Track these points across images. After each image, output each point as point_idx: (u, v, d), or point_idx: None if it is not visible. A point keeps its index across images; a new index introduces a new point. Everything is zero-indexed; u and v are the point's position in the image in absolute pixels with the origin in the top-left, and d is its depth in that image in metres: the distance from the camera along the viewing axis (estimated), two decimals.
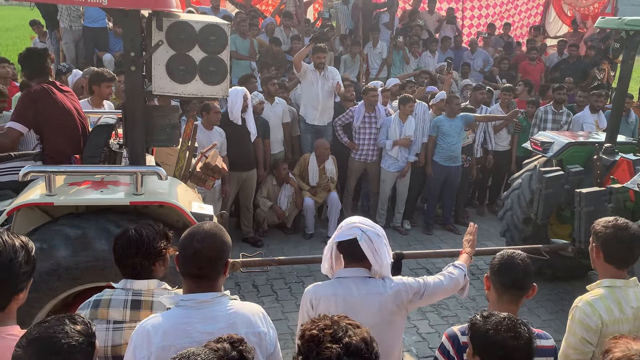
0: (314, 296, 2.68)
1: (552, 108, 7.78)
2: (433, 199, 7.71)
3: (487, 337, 2.06)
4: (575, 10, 12.76)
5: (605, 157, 5.68)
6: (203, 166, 4.49)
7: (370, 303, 2.63)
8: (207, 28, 3.60)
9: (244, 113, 6.54)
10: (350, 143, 7.44)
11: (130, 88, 3.70)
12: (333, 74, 7.40)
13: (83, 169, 3.81)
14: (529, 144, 6.36)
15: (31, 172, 3.44)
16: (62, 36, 9.17)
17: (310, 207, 7.15)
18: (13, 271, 2.03)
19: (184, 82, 3.66)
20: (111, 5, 3.30)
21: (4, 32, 25.81)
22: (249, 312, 2.24)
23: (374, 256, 2.62)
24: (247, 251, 5.02)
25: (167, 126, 3.90)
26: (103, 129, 4.21)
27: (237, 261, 4.24)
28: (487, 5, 13.22)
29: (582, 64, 10.65)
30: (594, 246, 2.84)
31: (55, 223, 3.43)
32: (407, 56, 10.14)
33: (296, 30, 10.03)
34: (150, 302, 2.46)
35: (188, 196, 3.89)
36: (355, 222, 2.70)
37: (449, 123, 7.32)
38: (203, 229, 2.26)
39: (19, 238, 2.13)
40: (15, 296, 2.08)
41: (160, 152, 4.65)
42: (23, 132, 4.08)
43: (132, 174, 3.50)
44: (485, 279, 2.65)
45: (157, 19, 3.50)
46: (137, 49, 3.56)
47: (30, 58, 4.26)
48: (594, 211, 4.96)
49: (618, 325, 2.63)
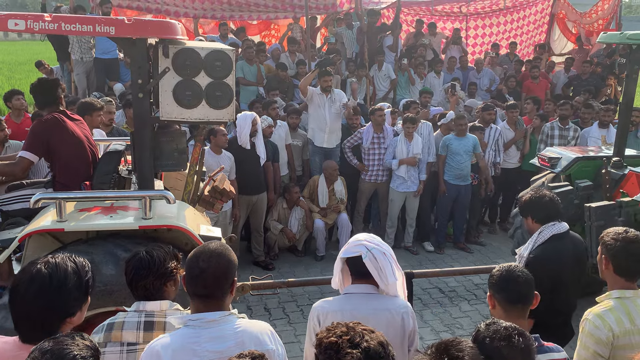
0: (321, 312, 2.68)
1: (559, 124, 7.79)
2: (444, 217, 7.70)
3: (484, 345, 2.08)
4: (580, 27, 12.83)
5: (614, 171, 5.66)
6: (211, 190, 4.52)
7: (378, 319, 2.61)
8: (212, 54, 3.69)
9: (254, 137, 6.62)
10: (359, 165, 7.48)
11: (138, 114, 3.77)
12: (340, 96, 7.50)
13: (93, 194, 3.87)
14: (537, 160, 6.35)
15: (42, 199, 3.49)
16: (73, 68, 9.37)
17: (320, 229, 7.16)
18: (62, 297, 2.06)
19: (191, 107, 3.74)
20: (119, 34, 3.39)
21: (18, 66, 26.43)
22: (257, 330, 2.25)
23: (378, 274, 2.63)
24: (259, 275, 5.02)
25: (174, 151, 3.96)
26: (112, 155, 4.27)
27: (247, 284, 4.26)
28: (490, 24, 13.33)
29: (594, 81, 10.68)
30: (603, 257, 2.82)
31: (63, 250, 3.45)
32: (413, 77, 10.23)
33: (302, 56, 10.18)
34: (163, 322, 2.48)
35: (196, 219, 3.93)
36: (361, 239, 2.71)
37: (458, 142, 7.36)
38: (209, 249, 2.28)
39: (74, 262, 2.15)
40: (68, 319, 2.10)
41: (169, 177, 4.71)
42: (34, 161, 4.14)
43: (141, 198, 3.54)
44: (489, 298, 2.63)
45: (163, 47, 3.60)
46: (145, 77, 3.64)
47: (42, 88, 4.35)
48: (605, 225, 4.92)
49: (629, 337, 2.60)
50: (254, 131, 6.60)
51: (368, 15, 10.73)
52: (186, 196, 4.20)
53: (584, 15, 12.70)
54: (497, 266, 2.71)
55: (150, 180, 3.89)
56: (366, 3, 11.40)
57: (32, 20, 3.29)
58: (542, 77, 10.79)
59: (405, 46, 11.23)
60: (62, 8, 9.97)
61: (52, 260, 2.11)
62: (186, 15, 10.59)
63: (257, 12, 11.05)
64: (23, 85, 17.33)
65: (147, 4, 10.33)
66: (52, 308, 2.04)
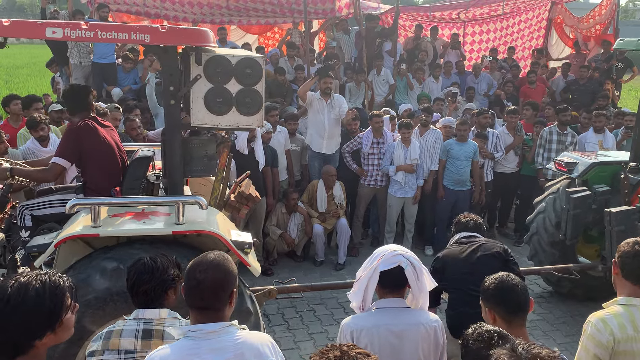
0: (355, 328, 2.63)
1: (557, 129, 7.82)
2: (443, 223, 7.69)
3: (467, 347, 2.16)
4: (577, 32, 12.88)
5: (632, 176, 5.68)
6: (237, 195, 4.57)
7: (413, 334, 2.60)
8: (243, 61, 3.75)
9: (252, 142, 6.61)
10: (359, 169, 7.47)
11: (169, 121, 3.81)
12: (339, 101, 7.49)
13: (127, 200, 3.91)
14: (553, 165, 6.37)
15: (78, 205, 3.53)
16: (72, 72, 9.36)
17: (319, 234, 7.15)
18: (21, 319, 1.89)
19: (221, 113, 3.80)
20: (153, 42, 3.43)
21: (15, 70, 26.40)
22: (257, 342, 2.23)
23: (417, 284, 2.62)
24: (258, 281, 5.01)
25: (204, 157, 4.02)
26: (141, 161, 4.31)
27: (273, 288, 4.33)
28: (487, 30, 13.38)
29: (592, 85, 10.72)
30: (614, 261, 2.85)
31: (90, 257, 3.49)
32: (411, 82, 10.25)
33: (301, 60, 10.19)
34: (162, 331, 2.47)
35: (226, 224, 3.96)
36: (397, 249, 2.70)
37: (459, 147, 7.36)
38: (207, 260, 2.26)
39: (41, 283, 1.94)
40: (37, 342, 1.92)
41: (194, 183, 4.76)
42: (66, 166, 4.17)
43: (174, 204, 3.57)
44: (488, 313, 2.62)
45: (196, 54, 3.64)
46: (176, 84, 3.69)
47: (74, 94, 4.37)
48: (625, 230, 4.96)
49: (631, 344, 2.60)
50: (252, 136, 6.59)
51: (366, 20, 10.76)
52: (213, 201, 4.22)
53: (581, 20, 12.77)
54: (487, 279, 2.68)
55: (181, 186, 3.93)
56: (365, 8, 11.42)
57: (70, 28, 3.34)
58: (540, 82, 10.82)
59: (405, 50, 11.25)
60: (60, 13, 9.96)
61: (19, 280, 1.93)
62: (185, 20, 10.60)
63: (256, 17, 11.08)
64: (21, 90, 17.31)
65: (145, 8, 10.33)
66: (11, 329, 1.88)
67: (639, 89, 22.71)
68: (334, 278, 6.74)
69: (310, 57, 10.11)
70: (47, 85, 16.53)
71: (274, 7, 10.73)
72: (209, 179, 4.52)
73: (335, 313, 5.93)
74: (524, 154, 8.12)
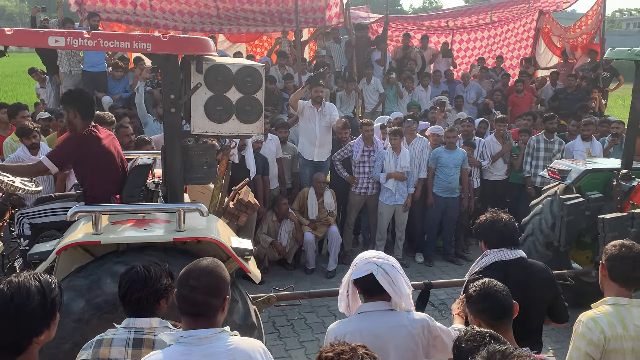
0: (339, 333, 2.64)
1: (544, 137, 7.90)
2: (432, 230, 7.73)
3: (459, 348, 2.19)
4: (565, 42, 13.05)
5: (624, 183, 5.74)
6: (236, 202, 4.59)
7: (396, 336, 2.61)
8: (243, 70, 3.80)
9: (243, 151, 6.62)
10: (350, 177, 7.50)
11: (169, 129, 3.83)
12: (330, 109, 7.52)
13: (129, 207, 3.91)
14: (547, 172, 6.43)
15: (79, 212, 3.53)
16: (62, 81, 9.33)
17: (310, 241, 7.16)
18: (25, 316, 2.00)
19: (222, 121, 3.84)
20: (155, 50, 3.45)
21: (4, 78, 26.24)
22: (249, 348, 2.23)
23: (392, 288, 2.62)
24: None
25: (204, 164, 4.04)
26: (141, 169, 4.32)
27: (272, 296, 4.35)
28: (475, 38, 13.53)
29: (580, 94, 10.85)
30: (601, 263, 2.90)
31: (102, 260, 3.49)
32: (401, 91, 10.32)
33: (291, 69, 10.22)
34: (152, 340, 2.46)
35: (226, 232, 3.98)
36: (369, 257, 2.70)
37: (448, 155, 7.42)
38: (199, 267, 2.26)
39: (38, 280, 2.07)
40: (35, 339, 2.03)
41: (192, 191, 4.77)
42: (51, 170, 4.16)
43: (175, 211, 3.58)
44: (473, 319, 2.63)
45: (197, 63, 3.67)
46: (177, 92, 3.72)
47: (81, 98, 4.30)
48: (618, 236, 4.98)
49: (620, 342, 2.67)
50: (243, 145, 6.60)
51: (356, 29, 10.84)
52: (212, 209, 4.23)
53: (568, 30, 12.94)
54: (470, 286, 2.68)
55: (181, 193, 3.94)
56: (355, 18, 11.51)
57: (72, 37, 3.35)
58: (528, 91, 10.93)
59: (394, 60, 11.34)
60: (50, 21, 9.94)
61: (14, 280, 2.04)
62: (175, 29, 10.60)
63: (246, 25, 11.11)
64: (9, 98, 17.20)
65: (136, 17, 10.33)
66: (14, 328, 1.98)
67: (626, 97, 22.98)
68: (325, 286, 6.73)
69: (302, 66, 10.16)
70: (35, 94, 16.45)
71: (264, 16, 10.78)
72: (207, 186, 4.53)
73: (327, 321, 5.92)
74: (512, 162, 8.20)
